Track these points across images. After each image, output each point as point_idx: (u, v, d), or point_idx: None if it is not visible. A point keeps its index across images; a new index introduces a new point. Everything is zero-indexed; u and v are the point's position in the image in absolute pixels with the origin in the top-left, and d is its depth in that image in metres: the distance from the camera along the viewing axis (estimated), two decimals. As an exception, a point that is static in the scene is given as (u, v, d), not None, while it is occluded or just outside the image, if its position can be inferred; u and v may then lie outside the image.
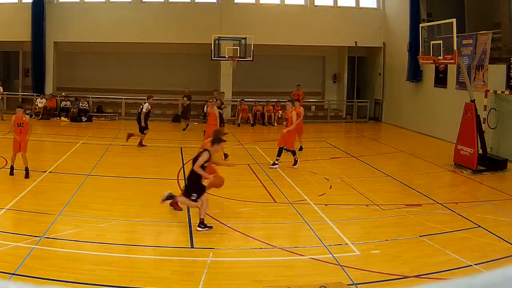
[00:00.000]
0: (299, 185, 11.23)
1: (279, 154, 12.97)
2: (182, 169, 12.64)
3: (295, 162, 13.10)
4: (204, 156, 8.06)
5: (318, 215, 9.08)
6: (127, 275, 6.28)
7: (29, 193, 9.78)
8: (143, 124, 15.50)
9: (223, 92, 21.46)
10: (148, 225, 8.37)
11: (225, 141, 8.77)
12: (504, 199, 10.55)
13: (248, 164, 13.32)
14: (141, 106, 15.90)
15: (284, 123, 17.48)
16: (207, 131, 14.02)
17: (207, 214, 8.84)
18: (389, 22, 23.12)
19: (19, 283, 0.88)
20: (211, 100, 15.13)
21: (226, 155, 13.65)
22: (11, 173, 11.04)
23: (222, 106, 20.39)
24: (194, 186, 8.18)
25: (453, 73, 17.63)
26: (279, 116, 22.38)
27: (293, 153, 13.17)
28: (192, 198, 8.09)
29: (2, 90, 20.69)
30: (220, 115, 14.89)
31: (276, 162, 12.95)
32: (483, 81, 15.61)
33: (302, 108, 15.26)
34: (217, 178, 8.73)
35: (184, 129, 19.65)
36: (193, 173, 8.14)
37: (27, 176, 10.83)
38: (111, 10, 22.26)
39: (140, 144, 15.54)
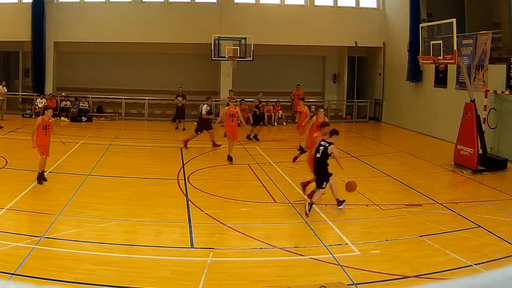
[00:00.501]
0: (299, 185, 11.22)
1: None
2: (182, 169, 12.64)
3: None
4: (336, 150, 9.41)
5: (318, 215, 9.08)
6: (127, 275, 6.28)
7: (29, 193, 9.78)
8: (210, 126, 15.14)
9: (261, 93, 21.32)
10: (148, 225, 8.37)
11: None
12: (504, 199, 10.55)
13: (248, 164, 13.32)
14: (200, 109, 15.74)
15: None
16: (233, 131, 13.84)
17: (207, 214, 8.87)
18: (389, 22, 23.11)
19: (19, 283, 0.88)
20: (232, 100, 14.98)
21: (231, 158, 13.66)
22: (42, 180, 10.47)
23: (260, 105, 20.04)
24: (325, 176, 9.34)
25: (453, 73, 17.63)
26: (279, 116, 22.38)
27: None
28: (323, 186, 9.30)
29: (6, 90, 20.66)
30: (256, 114, 14.54)
31: None
32: (483, 81, 15.61)
33: (306, 107, 15.56)
34: (351, 183, 9.65)
35: (183, 129, 19.64)
36: (322, 164, 9.33)
37: (42, 180, 10.46)
38: (111, 10, 22.25)
39: (214, 145, 15.11)
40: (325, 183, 9.28)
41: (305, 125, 15.84)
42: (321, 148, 9.38)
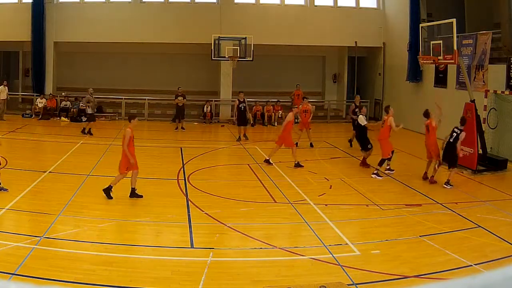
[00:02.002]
0: (299, 185, 11.23)
1: (389, 159, 12.74)
2: (182, 169, 12.64)
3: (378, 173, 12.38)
4: (463, 135, 11.34)
5: (318, 215, 9.08)
6: (127, 275, 6.28)
7: (29, 193, 9.78)
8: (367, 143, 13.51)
9: (357, 96, 19.65)
10: (148, 225, 8.37)
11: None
12: (504, 199, 10.56)
13: (248, 164, 13.32)
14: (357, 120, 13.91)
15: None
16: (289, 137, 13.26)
17: (207, 214, 8.87)
18: (389, 22, 23.11)
19: (19, 283, 0.88)
20: (299, 105, 14.62)
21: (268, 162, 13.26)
22: (110, 196, 9.50)
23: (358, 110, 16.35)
24: (456, 157, 11.37)
25: (453, 73, 17.62)
26: (279, 116, 22.39)
27: (383, 161, 12.58)
28: (456, 166, 11.56)
29: (7, 91, 20.61)
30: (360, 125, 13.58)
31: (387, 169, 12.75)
32: (483, 81, 15.61)
33: (310, 104, 16.04)
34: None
35: (183, 128, 19.64)
36: (453, 148, 11.36)
37: (133, 195, 9.62)
38: (111, 10, 22.25)
39: (363, 163, 13.51)
40: (456, 163, 11.33)
41: (309, 123, 16.07)
42: (454, 134, 11.35)
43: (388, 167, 12.90)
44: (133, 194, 9.67)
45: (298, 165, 13.08)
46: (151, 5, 22.65)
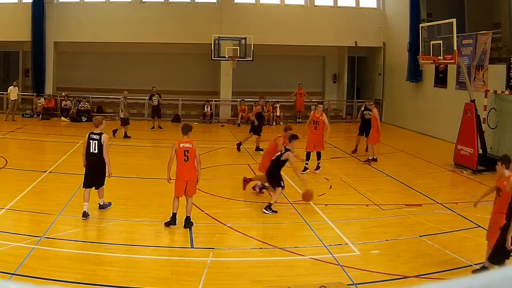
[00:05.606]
0: (299, 185, 11.22)
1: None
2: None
3: None
4: None
5: (318, 215, 9.09)
6: (127, 275, 6.28)
7: (29, 193, 9.78)
8: None
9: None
10: (148, 225, 8.37)
11: None
12: (504, 199, 10.53)
13: (248, 164, 13.32)
14: None
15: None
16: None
17: (207, 214, 8.87)
18: (389, 22, 23.11)
19: (19, 283, 0.88)
20: (371, 103, 14.46)
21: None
22: (172, 223, 8.04)
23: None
24: None
25: (453, 73, 17.62)
26: (277, 115, 22.38)
27: None
28: None
29: (18, 91, 20.56)
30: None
31: None
32: (483, 81, 15.61)
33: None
34: (308, 193, 9.75)
35: (160, 128, 19.55)
36: None
37: (187, 225, 8.10)
38: (111, 10, 22.25)
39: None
40: None
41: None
42: None
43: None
44: (188, 222, 8.22)
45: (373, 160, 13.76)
46: (151, 5, 22.65)
